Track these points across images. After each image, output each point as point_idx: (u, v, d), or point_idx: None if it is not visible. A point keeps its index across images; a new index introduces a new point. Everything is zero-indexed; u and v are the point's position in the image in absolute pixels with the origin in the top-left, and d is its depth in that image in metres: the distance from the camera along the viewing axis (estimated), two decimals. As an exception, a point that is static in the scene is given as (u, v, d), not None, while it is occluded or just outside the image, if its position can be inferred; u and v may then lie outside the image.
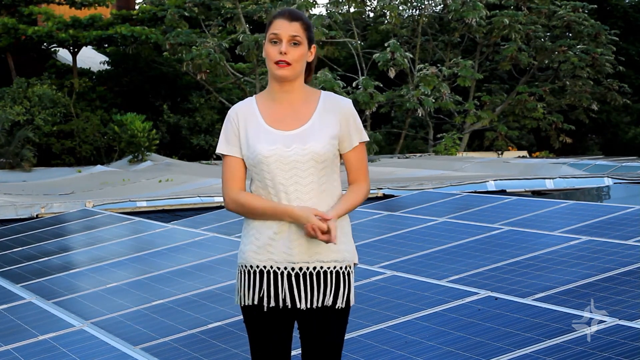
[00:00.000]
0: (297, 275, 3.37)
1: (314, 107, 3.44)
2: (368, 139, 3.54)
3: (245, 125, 3.42)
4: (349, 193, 3.45)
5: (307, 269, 3.38)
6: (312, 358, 3.43)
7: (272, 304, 3.37)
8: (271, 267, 3.38)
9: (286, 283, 3.37)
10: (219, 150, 3.47)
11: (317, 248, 3.38)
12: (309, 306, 3.37)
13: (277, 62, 3.36)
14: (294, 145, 3.36)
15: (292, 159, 3.35)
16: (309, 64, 3.47)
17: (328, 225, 3.27)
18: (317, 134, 3.38)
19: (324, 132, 3.39)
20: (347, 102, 3.48)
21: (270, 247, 3.37)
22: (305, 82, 3.50)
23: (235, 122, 3.44)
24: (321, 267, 3.39)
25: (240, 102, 3.51)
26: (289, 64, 3.36)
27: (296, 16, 3.39)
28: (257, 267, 3.39)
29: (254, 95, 3.53)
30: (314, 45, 3.45)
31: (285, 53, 3.35)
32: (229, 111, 3.50)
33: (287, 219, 3.34)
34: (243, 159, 3.43)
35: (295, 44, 3.37)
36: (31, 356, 5.35)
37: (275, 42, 3.37)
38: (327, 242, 3.29)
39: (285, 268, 3.37)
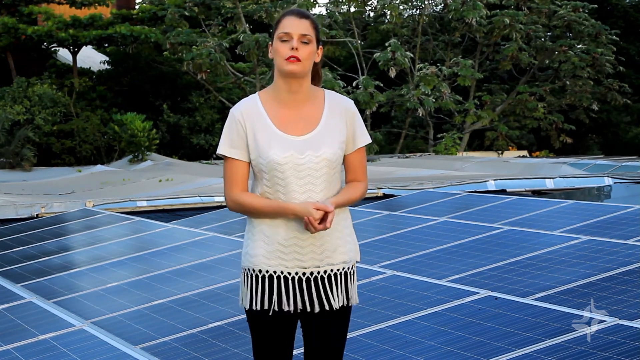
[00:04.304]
0: (307, 280, 3.38)
1: (320, 109, 3.43)
2: (371, 141, 3.54)
3: (253, 128, 3.36)
4: (348, 187, 3.46)
5: (318, 273, 3.38)
6: (315, 358, 3.44)
7: (282, 308, 3.37)
8: (282, 273, 3.37)
9: (297, 288, 3.37)
10: (222, 151, 3.40)
11: (327, 252, 3.38)
12: (318, 310, 3.38)
13: (287, 58, 3.32)
14: (307, 152, 3.34)
15: (306, 166, 3.33)
16: (315, 66, 3.45)
17: (325, 212, 3.26)
18: (327, 140, 3.37)
19: (334, 137, 3.39)
20: (350, 103, 3.48)
21: (281, 253, 3.36)
22: (314, 85, 3.47)
23: (241, 124, 3.37)
24: (331, 270, 3.40)
25: (244, 101, 3.43)
26: (299, 59, 3.33)
27: (305, 15, 3.38)
28: (267, 272, 3.38)
29: (256, 93, 3.46)
30: (320, 47, 3.43)
31: (296, 49, 3.32)
32: (232, 110, 3.42)
33: (289, 216, 3.32)
34: (247, 162, 3.39)
35: (305, 42, 3.35)
36: (31, 356, 5.35)
37: (285, 41, 3.34)
38: (323, 229, 3.28)
39: (297, 273, 3.37)
